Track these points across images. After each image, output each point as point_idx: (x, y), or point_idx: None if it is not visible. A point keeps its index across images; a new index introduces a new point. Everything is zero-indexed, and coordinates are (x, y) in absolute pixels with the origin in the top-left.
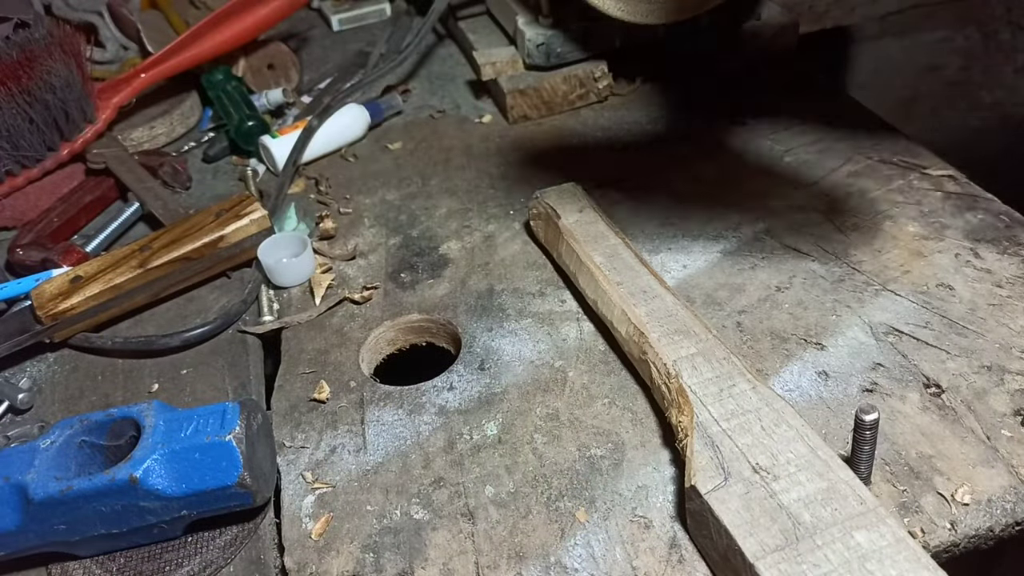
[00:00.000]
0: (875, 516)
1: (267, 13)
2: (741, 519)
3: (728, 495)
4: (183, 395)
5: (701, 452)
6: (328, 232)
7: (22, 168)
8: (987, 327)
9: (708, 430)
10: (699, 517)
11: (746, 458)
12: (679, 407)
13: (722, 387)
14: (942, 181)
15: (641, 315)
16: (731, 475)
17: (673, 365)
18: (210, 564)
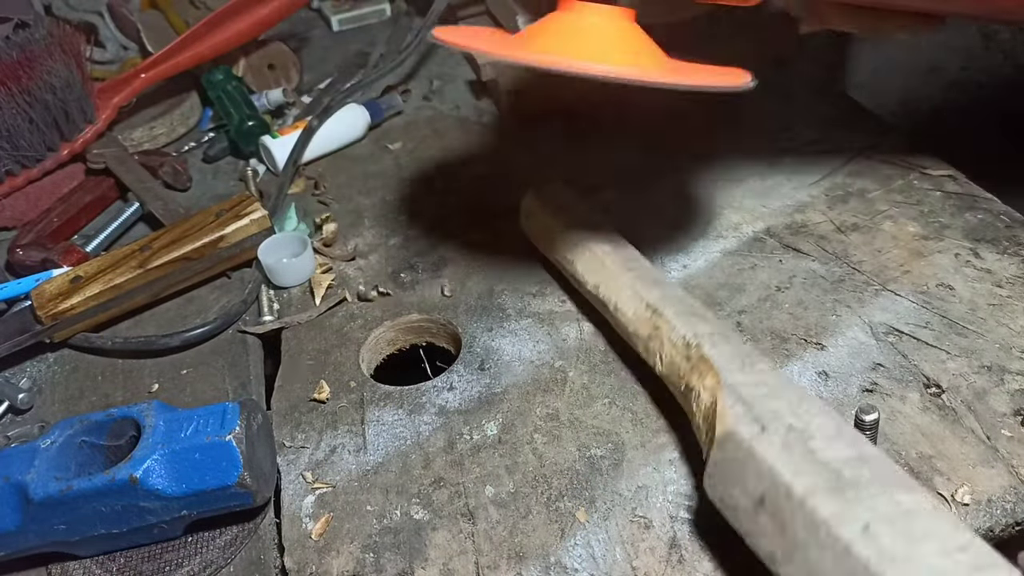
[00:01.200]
0: (911, 483)
1: (267, 13)
2: (785, 461)
3: (768, 443)
4: (183, 395)
5: (733, 406)
6: (328, 232)
7: (22, 168)
8: (987, 327)
9: (737, 391)
10: (730, 465)
11: (779, 418)
12: (700, 373)
13: (744, 363)
14: (942, 181)
15: (653, 296)
16: (767, 428)
17: (693, 336)
18: (210, 564)
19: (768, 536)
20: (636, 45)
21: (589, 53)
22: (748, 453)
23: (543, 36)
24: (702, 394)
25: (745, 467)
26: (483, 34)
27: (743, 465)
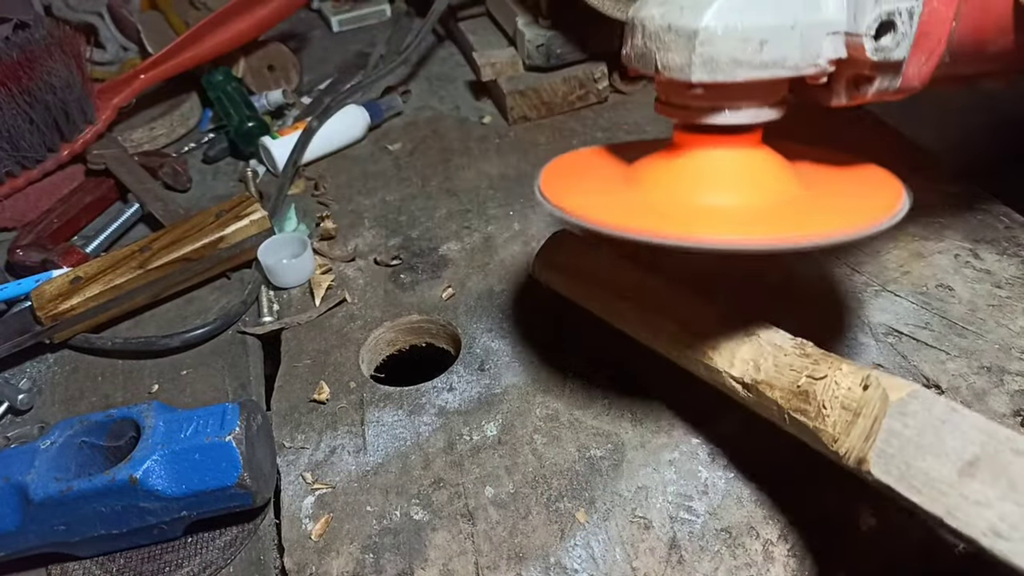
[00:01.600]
0: None
1: (267, 14)
2: (995, 424)
3: (957, 403)
4: (183, 395)
5: (895, 376)
6: (328, 233)
7: (22, 169)
8: (987, 328)
9: (882, 373)
10: (920, 430)
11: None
12: (830, 363)
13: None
14: (942, 181)
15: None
16: (944, 392)
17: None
18: (210, 565)
19: (987, 504)
20: (766, 188)
21: (713, 221)
22: (949, 411)
23: (655, 190)
24: (840, 380)
25: (944, 428)
26: (588, 175)
27: (940, 427)
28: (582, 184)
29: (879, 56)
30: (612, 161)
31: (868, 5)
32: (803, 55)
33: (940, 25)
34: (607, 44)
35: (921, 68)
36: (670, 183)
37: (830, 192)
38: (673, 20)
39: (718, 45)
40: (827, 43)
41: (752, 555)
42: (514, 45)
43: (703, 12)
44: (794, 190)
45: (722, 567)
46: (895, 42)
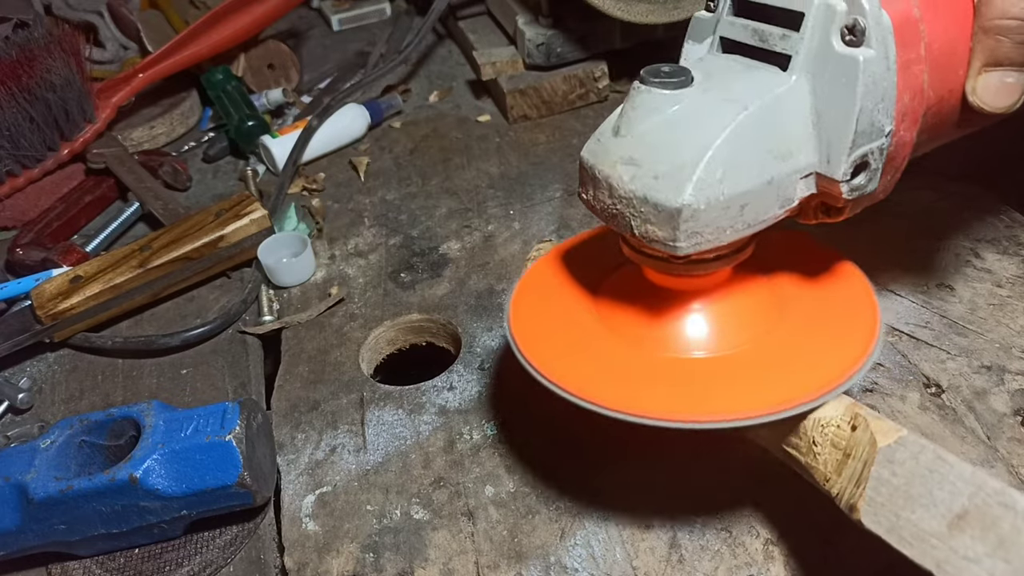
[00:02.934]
0: None
1: (265, 11)
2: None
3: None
4: (183, 395)
5: (884, 419)
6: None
7: (23, 168)
8: (987, 327)
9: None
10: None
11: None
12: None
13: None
14: (942, 181)
15: None
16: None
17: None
18: (210, 564)
19: (976, 560)
20: (735, 334)
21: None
22: (937, 460)
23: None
24: (828, 417)
25: (932, 478)
26: (560, 321)
27: (928, 477)
28: (556, 334)
29: (854, 195)
30: (576, 291)
31: (843, 153)
32: (780, 205)
33: (904, 148)
34: (607, 43)
35: (887, 184)
36: (647, 337)
37: (800, 331)
38: (649, 193)
39: (701, 219)
40: (800, 186)
41: (752, 554)
42: (514, 44)
43: (683, 188)
44: (764, 330)
45: (722, 566)
46: (867, 179)
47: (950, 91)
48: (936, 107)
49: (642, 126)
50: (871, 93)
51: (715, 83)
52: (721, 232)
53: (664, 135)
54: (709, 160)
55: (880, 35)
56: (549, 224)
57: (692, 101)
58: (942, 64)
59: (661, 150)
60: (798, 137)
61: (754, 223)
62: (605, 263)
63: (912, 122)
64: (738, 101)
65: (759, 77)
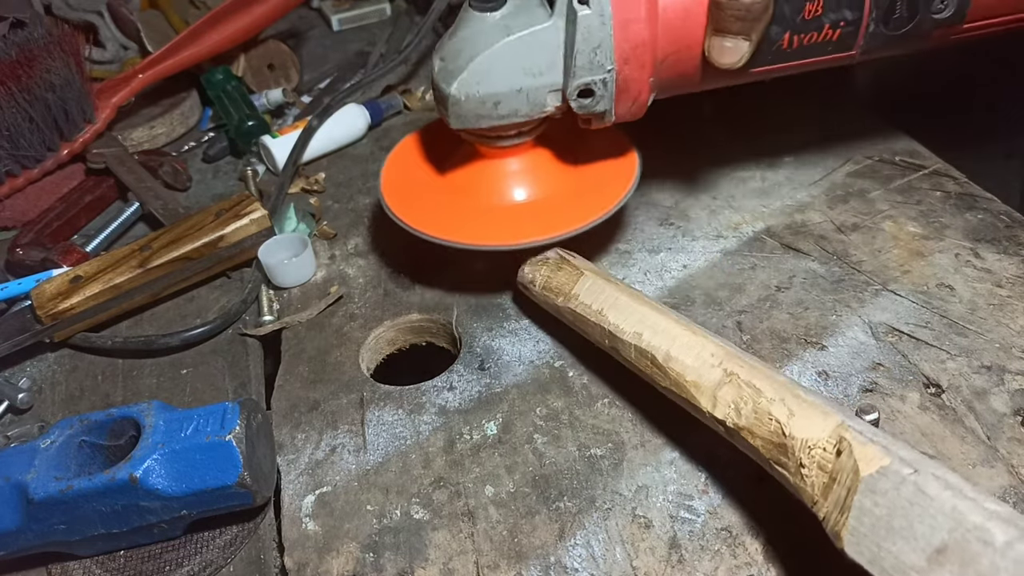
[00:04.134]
0: None
1: (265, 11)
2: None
3: (933, 482)
4: (183, 395)
5: (871, 444)
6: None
7: (22, 168)
8: (987, 327)
9: (864, 433)
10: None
11: (920, 460)
12: (809, 418)
13: (842, 411)
14: (942, 181)
15: (713, 341)
16: (919, 469)
17: (781, 384)
18: (210, 564)
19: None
20: (539, 184)
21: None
22: (917, 493)
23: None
24: (815, 439)
25: (913, 511)
26: (421, 186)
27: (909, 509)
28: (419, 196)
29: (584, 110)
30: (431, 167)
31: (571, 80)
32: (531, 108)
33: (637, 82)
34: None
35: (630, 108)
36: (483, 190)
37: (584, 186)
38: (438, 82)
39: (463, 106)
40: (550, 97)
41: (752, 554)
42: None
43: (451, 81)
44: (559, 185)
45: (722, 566)
46: (595, 102)
47: (687, 46)
48: (674, 56)
49: (458, 34)
50: (587, 40)
51: (513, 12)
52: (479, 118)
53: (462, 43)
54: (472, 66)
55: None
56: None
57: (486, 22)
58: (676, 26)
59: (456, 53)
60: (549, 62)
61: (508, 115)
62: (454, 141)
63: (638, 65)
64: (510, 29)
65: (536, 14)
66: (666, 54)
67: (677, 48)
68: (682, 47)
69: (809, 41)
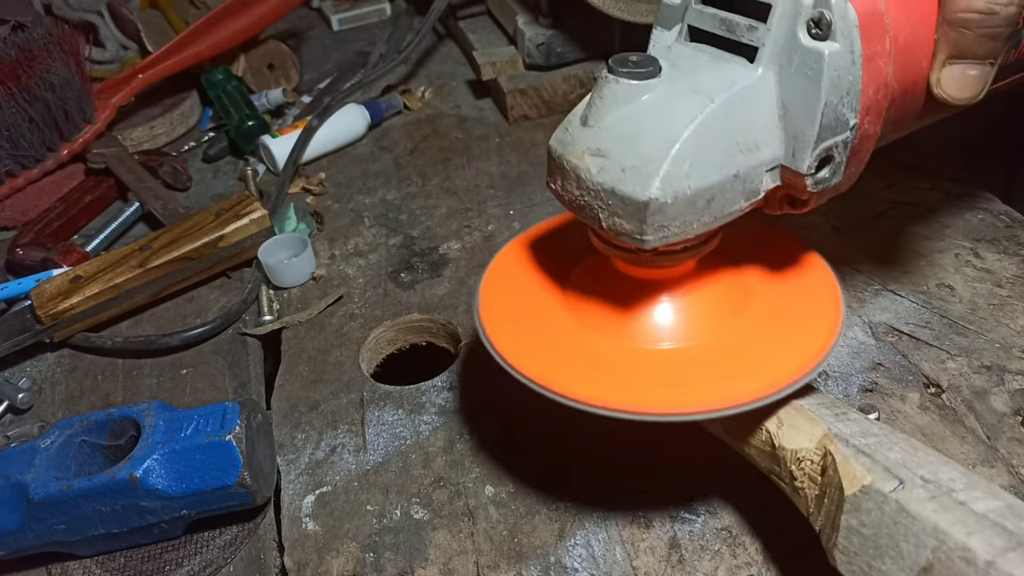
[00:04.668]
0: None
1: (265, 12)
2: (949, 519)
3: (917, 497)
4: (183, 395)
5: (855, 458)
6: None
7: (22, 168)
8: (987, 327)
9: (850, 442)
10: (875, 530)
11: (908, 469)
12: (796, 426)
13: (836, 412)
14: (942, 181)
15: None
16: (905, 481)
17: None
18: (210, 564)
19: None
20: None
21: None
22: (899, 512)
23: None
24: (802, 451)
25: (897, 531)
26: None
27: (894, 528)
28: (526, 325)
29: (819, 188)
30: (545, 279)
31: (808, 147)
32: (746, 197)
33: (869, 140)
34: (608, 43)
35: (851, 176)
36: (615, 327)
37: (762, 323)
38: (616, 186)
39: (668, 213)
40: (766, 178)
41: (752, 554)
42: (514, 44)
43: (650, 182)
44: (728, 321)
45: (722, 566)
46: (832, 172)
47: (914, 83)
48: (900, 98)
49: (610, 116)
50: (836, 87)
51: (682, 73)
52: (688, 225)
53: (631, 126)
54: (676, 154)
55: (846, 29)
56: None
57: (659, 92)
58: (907, 56)
59: (628, 142)
60: (764, 130)
61: (720, 216)
62: (574, 251)
63: (877, 115)
64: (705, 93)
65: (726, 68)
66: (895, 95)
67: (905, 86)
68: (909, 84)
69: (1015, 57)
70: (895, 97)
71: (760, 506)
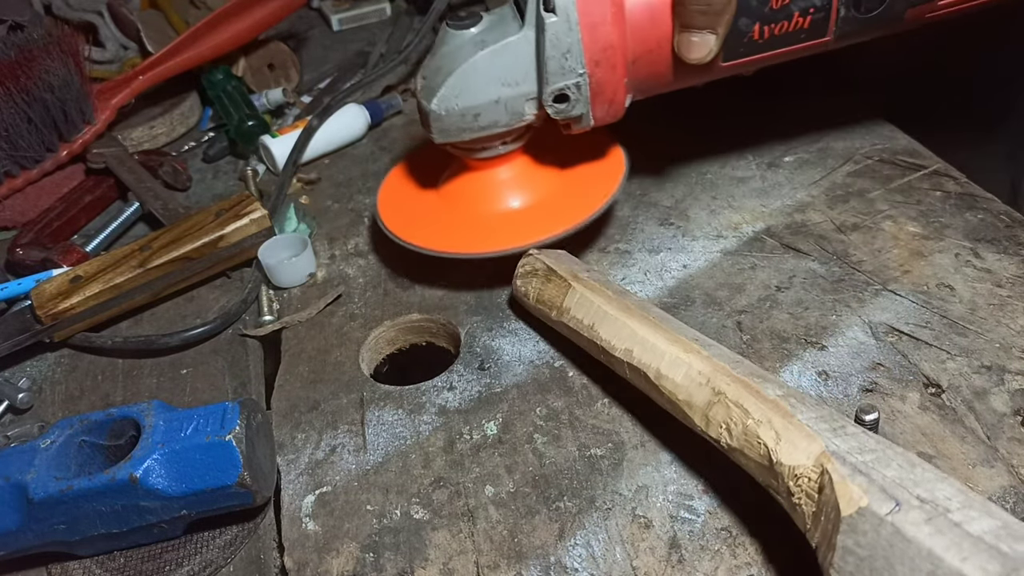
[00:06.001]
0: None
1: (266, 14)
2: (944, 543)
3: (913, 519)
4: (183, 395)
5: (852, 477)
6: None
7: (21, 169)
8: (987, 327)
9: (846, 460)
10: (870, 552)
11: (904, 488)
12: (792, 440)
13: (833, 426)
14: (942, 181)
15: (702, 356)
16: (901, 502)
17: (780, 398)
18: (210, 564)
19: None
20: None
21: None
22: (895, 535)
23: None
24: (800, 467)
25: (893, 554)
26: (414, 203)
27: (889, 551)
28: (413, 211)
29: (561, 115)
30: (425, 186)
31: (545, 86)
32: (511, 118)
33: (611, 84)
34: None
35: (608, 110)
36: (474, 200)
37: (574, 186)
38: (420, 99)
39: (444, 121)
40: (528, 106)
41: (752, 554)
42: None
43: (432, 97)
44: (546, 188)
45: (722, 566)
46: (571, 107)
47: (658, 45)
48: (646, 56)
49: (438, 52)
50: (556, 46)
51: (489, 27)
52: (461, 131)
53: (441, 61)
54: (450, 82)
55: (563, 5)
56: None
57: (463, 39)
58: (644, 26)
59: (436, 72)
60: (524, 72)
61: (488, 127)
62: (446, 159)
63: (609, 67)
64: (484, 43)
65: (508, 27)
66: (637, 54)
67: (647, 48)
68: (652, 46)
69: (780, 31)
70: (638, 55)
71: (760, 506)
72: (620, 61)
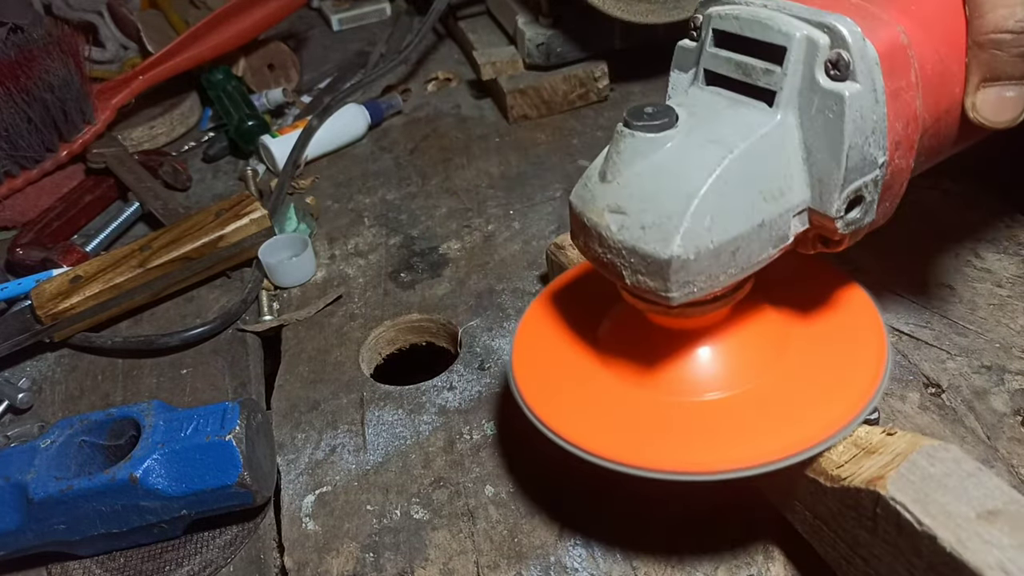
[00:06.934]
0: None
1: (266, 14)
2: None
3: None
4: (183, 395)
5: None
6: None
7: (21, 169)
8: (987, 327)
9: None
10: (943, 468)
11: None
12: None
13: None
14: (942, 181)
15: None
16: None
17: None
18: (210, 564)
19: (1000, 547)
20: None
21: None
22: (976, 469)
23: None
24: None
25: (969, 480)
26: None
27: (967, 477)
28: (561, 383)
29: (850, 229)
30: (576, 330)
31: (835, 190)
32: (774, 244)
33: (901, 175)
34: (607, 43)
35: (886, 211)
36: (649, 378)
37: (805, 365)
38: (637, 243)
39: (692, 268)
40: (794, 222)
41: (752, 554)
42: (514, 44)
43: (671, 240)
44: (769, 366)
45: (722, 566)
46: (863, 212)
47: (946, 110)
48: (933, 128)
49: (628, 172)
50: (860, 128)
51: (699, 122)
52: (714, 278)
53: (649, 182)
54: (696, 209)
55: (865, 68)
56: (549, 224)
57: (676, 144)
58: (936, 85)
59: (647, 198)
60: (788, 175)
61: (747, 265)
62: (601, 298)
63: (908, 149)
64: (723, 143)
65: (744, 115)
66: (927, 126)
67: (936, 115)
68: (941, 112)
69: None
70: (927, 128)
71: (761, 506)
72: (916, 137)
